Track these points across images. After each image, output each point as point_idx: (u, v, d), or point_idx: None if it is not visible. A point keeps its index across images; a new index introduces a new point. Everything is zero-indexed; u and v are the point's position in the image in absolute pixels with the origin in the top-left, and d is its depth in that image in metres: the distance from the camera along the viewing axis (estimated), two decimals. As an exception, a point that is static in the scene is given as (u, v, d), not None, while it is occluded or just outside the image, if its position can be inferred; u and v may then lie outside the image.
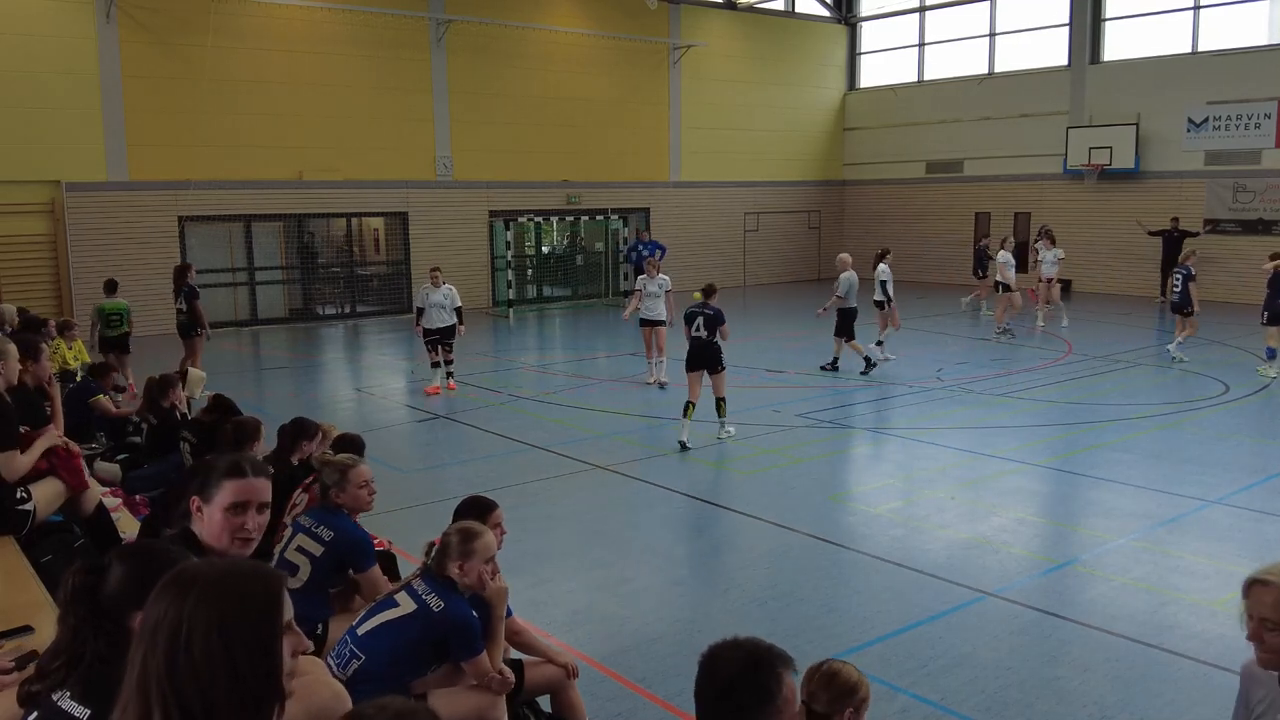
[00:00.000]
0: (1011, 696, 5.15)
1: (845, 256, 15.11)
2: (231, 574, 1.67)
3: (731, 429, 10.82)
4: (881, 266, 15.11)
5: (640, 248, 22.36)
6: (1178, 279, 15.26)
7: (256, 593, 1.64)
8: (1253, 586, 2.72)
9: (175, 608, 1.59)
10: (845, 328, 14.52)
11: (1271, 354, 14.18)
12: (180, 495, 3.12)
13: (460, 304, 13.78)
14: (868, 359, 14.55)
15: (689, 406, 10.53)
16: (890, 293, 15.08)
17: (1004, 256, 18.05)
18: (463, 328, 13.88)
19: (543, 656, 4.55)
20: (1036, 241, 20.26)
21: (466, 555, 3.96)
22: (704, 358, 10.54)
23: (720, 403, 10.70)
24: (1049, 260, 18.94)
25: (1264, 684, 2.82)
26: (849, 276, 14.61)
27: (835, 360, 14.74)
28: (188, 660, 1.55)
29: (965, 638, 5.86)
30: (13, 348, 5.29)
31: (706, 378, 10.61)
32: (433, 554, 4.05)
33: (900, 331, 16.08)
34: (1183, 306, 15.07)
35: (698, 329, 10.57)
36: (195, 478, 2.98)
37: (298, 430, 6.21)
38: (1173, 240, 22.19)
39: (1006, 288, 17.70)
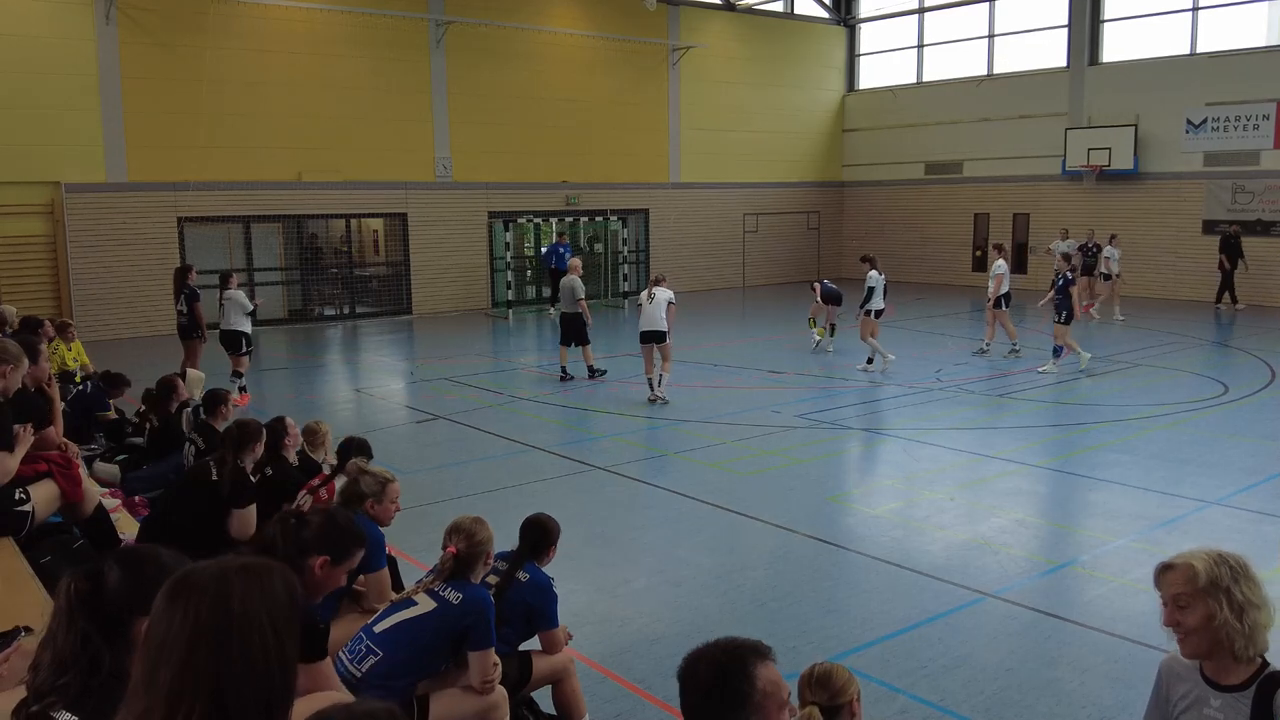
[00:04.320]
0: (1011, 697, 5.15)
1: (576, 261, 14.87)
2: (257, 570, 1.67)
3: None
4: (873, 273, 15.05)
5: (561, 250, 22.43)
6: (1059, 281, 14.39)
7: (288, 586, 1.68)
8: (1164, 573, 2.74)
9: (219, 609, 1.58)
10: (574, 334, 14.16)
11: (1057, 351, 14.35)
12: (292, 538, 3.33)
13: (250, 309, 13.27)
14: (591, 368, 14.30)
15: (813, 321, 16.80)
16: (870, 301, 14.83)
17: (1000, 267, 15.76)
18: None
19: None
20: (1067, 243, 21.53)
21: (484, 551, 4.12)
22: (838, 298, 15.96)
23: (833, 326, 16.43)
24: (1115, 258, 20.25)
25: (1186, 679, 2.79)
26: (570, 280, 14.25)
27: (587, 368, 14.30)
28: (244, 659, 1.55)
29: (965, 639, 5.86)
30: (23, 355, 5.28)
31: None
32: (452, 565, 4.05)
33: (894, 333, 16.09)
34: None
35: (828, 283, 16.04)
36: (322, 538, 3.33)
37: (274, 431, 6.30)
38: (1231, 245, 21.47)
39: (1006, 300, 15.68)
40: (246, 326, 13.24)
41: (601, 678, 5.33)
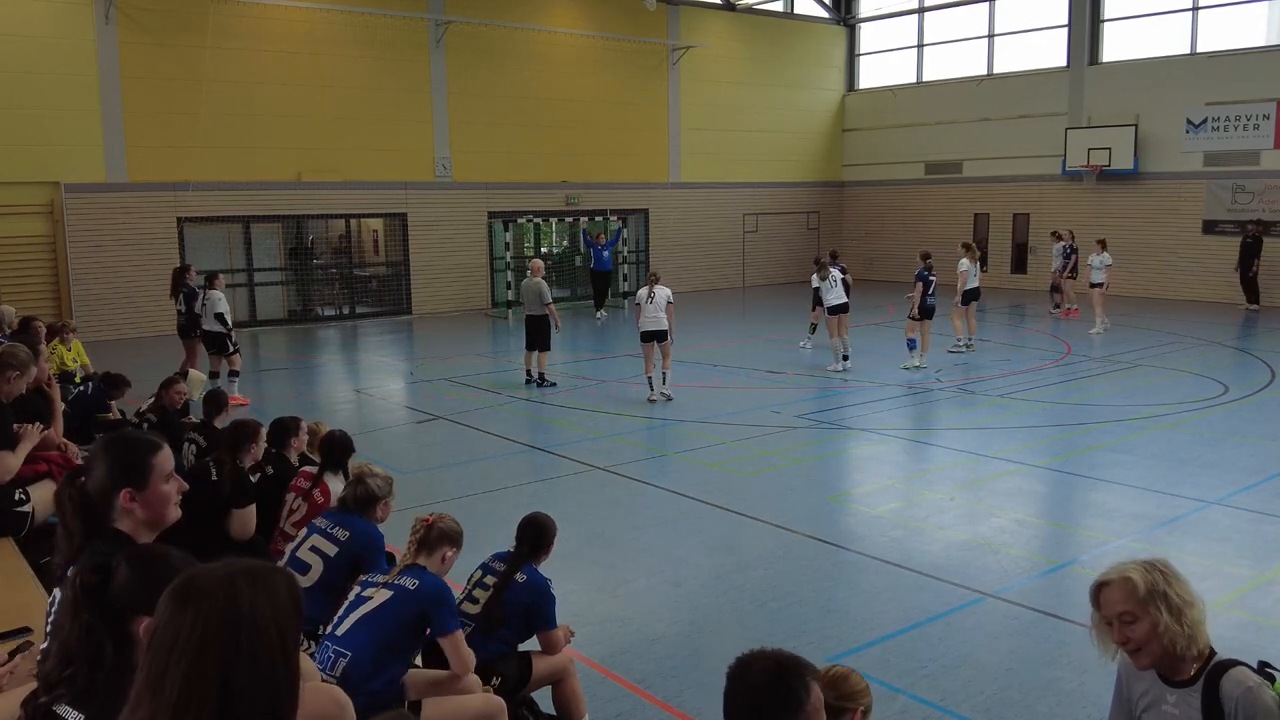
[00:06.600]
0: (1011, 697, 5.15)
1: (537, 262, 14.71)
2: (262, 574, 1.67)
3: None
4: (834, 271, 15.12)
5: (602, 250, 22.43)
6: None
7: (290, 589, 1.68)
8: (1100, 590, 2.77)
9: (230, 614, 1.58)
10: (539, 339, 13.78)
11: (912, 345, 14.68)
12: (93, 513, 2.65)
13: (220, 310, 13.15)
14: (541, 375, 13.82)
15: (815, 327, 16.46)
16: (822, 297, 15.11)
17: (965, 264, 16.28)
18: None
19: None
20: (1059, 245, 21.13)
21: (448, 544, 4.24)
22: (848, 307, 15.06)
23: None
24: (1097, 265, 18.40)
25: (1143, 678, 2.83)
26: (535, 283, 13.95)
27: (537, 375, 13.90)
28: (253, 663, 1.57)
29: (965, 639, 5.86)
30: (32, 362, 5.27)
31: None
32: (424, 533, 4.20)
33: (893, 333, 16.09)
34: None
35: (833, 282, 14.86)
36: (112, 475, 2.64)
37: (281, 430, 6.32)
38: (1247, 245, 21.24)
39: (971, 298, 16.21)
40: (219, 327, 13.25)
41: (601, 678, 5.33)
